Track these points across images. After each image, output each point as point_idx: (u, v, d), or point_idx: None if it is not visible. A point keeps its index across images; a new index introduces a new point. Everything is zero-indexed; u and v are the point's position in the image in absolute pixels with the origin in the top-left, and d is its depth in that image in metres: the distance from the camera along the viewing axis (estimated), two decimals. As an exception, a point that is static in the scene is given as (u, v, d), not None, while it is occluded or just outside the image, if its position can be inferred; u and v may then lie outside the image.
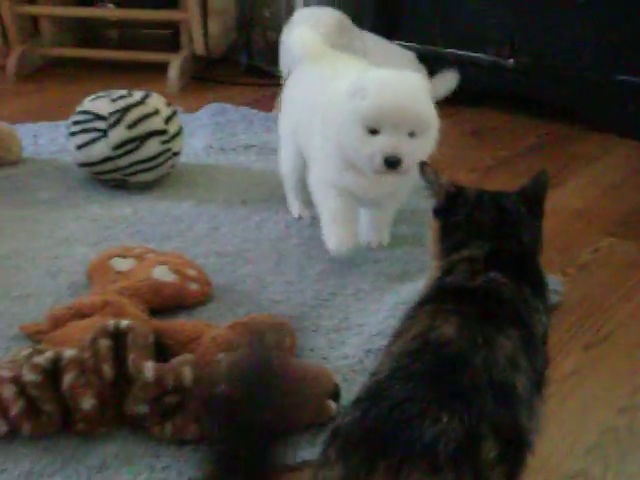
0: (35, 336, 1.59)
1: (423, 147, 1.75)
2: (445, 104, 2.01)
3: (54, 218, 2.09)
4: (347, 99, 1.76)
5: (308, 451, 1.32)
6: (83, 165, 2.20)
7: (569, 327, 1.61)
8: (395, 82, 1.77)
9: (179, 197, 2.19)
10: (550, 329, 1.20)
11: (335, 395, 1.44)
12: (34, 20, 3.16)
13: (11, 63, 3.01)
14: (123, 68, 3.14)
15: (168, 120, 2.19)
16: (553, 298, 1.70)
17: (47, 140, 2.52)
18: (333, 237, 1.84)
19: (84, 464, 1.33)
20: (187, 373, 1.38)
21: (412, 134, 1.73)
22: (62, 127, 2.55)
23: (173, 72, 2.95)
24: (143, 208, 2.13)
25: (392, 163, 1.71)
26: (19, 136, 2.41)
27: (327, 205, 1.87)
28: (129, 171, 2.16)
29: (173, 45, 3.31)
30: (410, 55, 2.59)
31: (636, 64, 2.54)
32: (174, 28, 3.23)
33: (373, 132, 1.73)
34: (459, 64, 2.74)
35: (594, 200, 2.22)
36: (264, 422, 1.05)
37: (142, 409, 1.36)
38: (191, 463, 1.33)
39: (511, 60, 2.74)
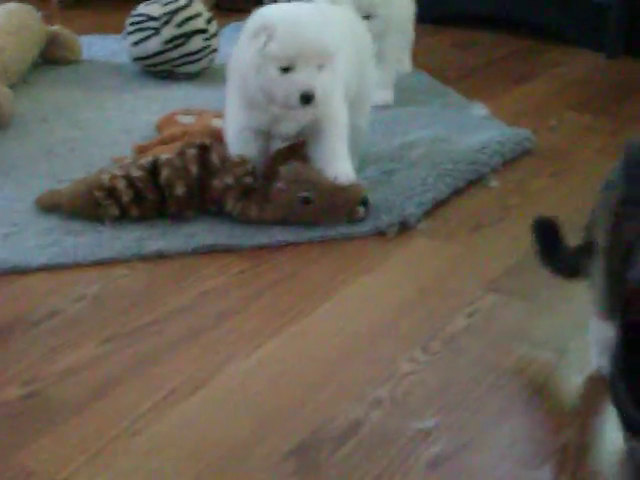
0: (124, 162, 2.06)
1: (330, 78, 1.81)
2: (433, 24, 2.47)
3: (117, 98, 2.55)
4: (249, 40, 1.79)
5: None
6: (138, 59, 2.67)
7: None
8: (300, 19, 1.80)
9: (217, 85, 2.65)
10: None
11: (364, 202, 1.87)
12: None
13: (54, -11, 3.47)
14: None
15: (208, 21, 2.67)
16: None
17: (98, 47, 2.97)
18: None
19: (178, 234, 1.80)
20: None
21: (320, 67, 1.78)
22: (109, 39, 3.02)
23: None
24: (190, 91, 2.61)
25: (307, 98, 1.77)
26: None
27: (238, 153, 1.89)
28: (177, 63, 2.64)
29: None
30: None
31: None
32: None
33: (285, 70, 1.77)
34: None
35: (555, 90, 2.73)
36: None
37: (229, 180, 1.83)
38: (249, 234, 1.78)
39: (488, -17, 3.23)
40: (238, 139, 1.89)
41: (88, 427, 1.29)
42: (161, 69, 2.63)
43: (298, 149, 1.90)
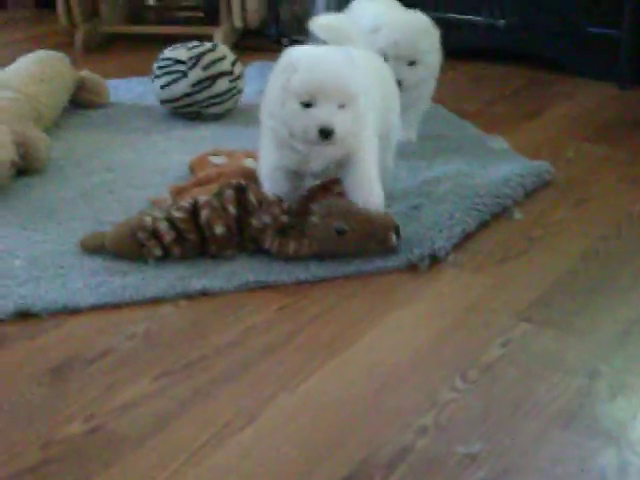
0: (163, 204, 2.14)
1: (352, 117, 1.87)
2: (450, 59, 2.56)
3: (148, 140, 2.64)
4: (275, 77, 1.89)
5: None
6: (165, 101, 2.76)
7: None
8: (323, 57, 1.89)
9: (244, 124, 2.75)
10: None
11: (396, 230, 1.96)
12: (93, 3, 3.72)
13: (78, 39, 3.58)
14: (168, 41, 3.69)
15: (233, 64, 2.76)
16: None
17: (124, 91, 3.07)
18: None
19: (219, 272, 1.89)
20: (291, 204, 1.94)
21: (342, 106, 1.85)
22: (133, 82, 3.12)
23: (218, 41, 3.52)
24: (217, 131, 2.70)
25: (326, 134, 1.82)
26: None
27: (271, 192, 1.97)
28: (204, 104, 2.73)
29: (204, 23, 3.88)
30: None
31: (605, 18, 3.13)
32: (211, 5, 3.80)
33: (306, 105, 1.84)
34: (458, 26, 3.33)
35: (570, 121, 2.82)
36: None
37: (266, 219, 1.91)
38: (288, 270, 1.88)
39: (503, 20, 3.33)
40: (271, 178, 1.97)
41: (151, 459, 1.36)
42: (189, 110, 2.72)
43: (331, 186, 1.98)
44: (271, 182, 1.98)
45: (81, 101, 2.85)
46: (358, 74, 1.89)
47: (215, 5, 3.76)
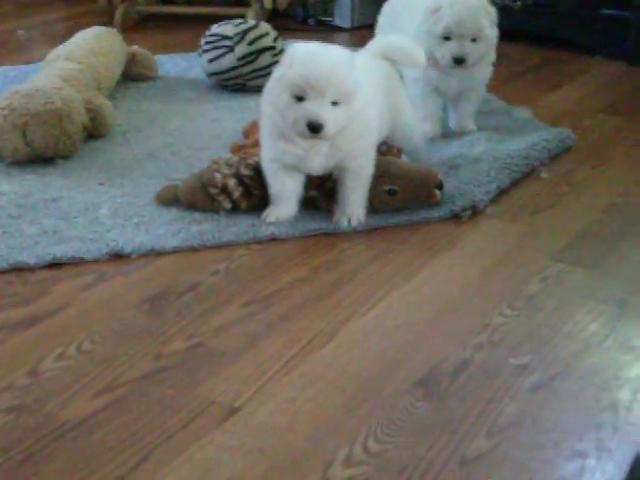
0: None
1: (345, 115, 1.90)
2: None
3: (199, 109, 2.87)
4: (279, 69, 1.93)
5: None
6: (213, 74, 2.99)
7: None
8: (320, 54, 1.90)
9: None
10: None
11: (440, 186, 2.19)
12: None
13: (117, 17, 3.80)
14: (198, 20, 3.91)
15: (275, 39, 2.99)
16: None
17: (169, 65, 3.29)
18: (272, 213, 2.10)
19: (283, 222, 2.12)
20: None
21: (335, 103, 1.87)
22: (176, 58, 3.35)
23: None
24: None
25: (314, 128, 1.86)
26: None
27: (270, 184, 2.07)
28: (249, 77, 2.96)
29: (232, 4, 4.09)
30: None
31: (615, 1, 3.38)
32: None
33: (299, 99, 1.88)
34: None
35: (585, 95, 3.06)
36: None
37: (313, 193, 2.14)
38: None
39: (518, 3, 3.57)
40: (268, 170, 2.06)
41: (248, 369, 1.60)
42: (234, 83, 2.95)
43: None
44: (269, 173, 2.06)
45: (132, 74, 3.07)
46: (355, 74, 1.92)
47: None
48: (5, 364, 1.60)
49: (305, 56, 1.90)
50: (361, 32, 3.72)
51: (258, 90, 2.19)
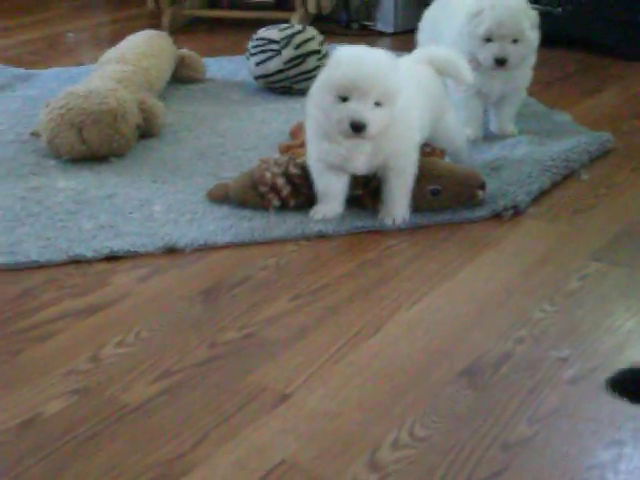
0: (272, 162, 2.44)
1: (387, 116, 1.97)
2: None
3: (247, 110, 2.95)
4: (325, 71, 2.01)
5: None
6: (260, 77, 3.07)
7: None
8: (364, 56, 1.99)
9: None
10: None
11: (482, 186, 2.25)
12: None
13: (165, 21, 3.90)
14: (243, 24, 4.00)
15: (321, 43, 3.07)
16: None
17: (216, 68, 3.38)
18: (319, 211, 2.17)
19: (330, 220, 2.19)
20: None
21: (378, 104, 1.94)
22: (223, 60, 3.44)
23: (294, 25, 3.83)
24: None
25: (357, 127, 1.93)
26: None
27: (316, 182, 2.14)
28: (295, 80, 3.04)
29: (274, 8, 4.19)
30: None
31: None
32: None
33: (344, 100, 1.95)
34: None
35: (624, 100, 3.12)
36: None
37: (359, 192, 2.22)
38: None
39: (559, 9, 3.63)
40: (315, 170, 2.14)
41: (299, 358, 1.67)
42: (280, 85, 3.04)
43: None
44: (315, 173, 2.14)
45: (181, 76, 3.16)
46: (398, 76, 1.99)
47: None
48: (68, 350, 1.69)
49: (350, 58, 1.98)
50: (403, 37, 3.79)
51: (304, 93, 2.27)
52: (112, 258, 2.01)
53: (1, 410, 1.52)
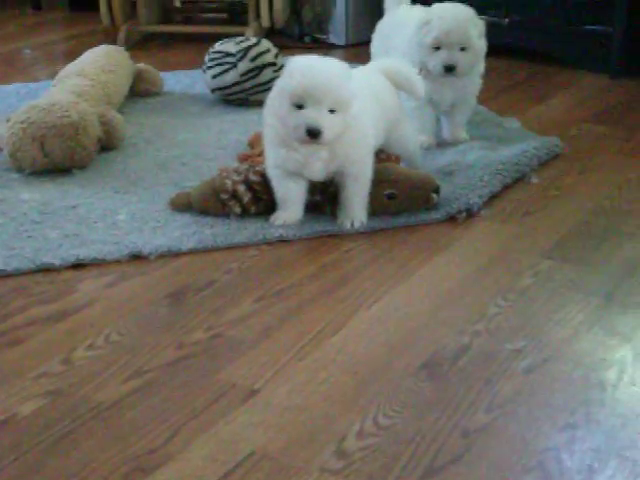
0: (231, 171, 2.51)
1: (341, 122, 2.04)
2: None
3: (205, 122, 3.01)
4: (280, 80, 2.09)
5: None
6: (217, 89, 3.14)
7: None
8: (317, 65, 2.05)
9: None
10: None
11: (436, 190, 2.33)
12: (132, 4, 4.11)
13: (121, 37, 3.95)
14: (197, 39, 4.06)
15: (276, 56, 3.15)
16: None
17: (173, 82, 3.43)
18: (279, 217, 2.23)
19: (290, 225, 2.26)
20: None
21: (332, 110, 2.01)
22: (180, 74, 3.50)
23: (248, 38, 3.90)
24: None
25: (313, 133, 2.00)
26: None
27: (276, 189, 2.21)
28: (251, 92, 3.11)
29: (227, 23, 4.26)
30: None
31: (598, 17, 3.55)
32: (235, 7, 4.18)
33: (299, 107, 2.02)
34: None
35: (571, 106, 3.23)
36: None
37: (317, 198, 2.29)
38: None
39: (506, 19, 3.73)
40: (274, 176, 2.20)
41: (265, 356, 1.74)
42: (237, 97, 3.11)
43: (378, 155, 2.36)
44: (274, 179, 2.20)
45: (139, 90, 3.22)
46: (351, 84, 2.07)
47: (238, 7, 4.14)
48: (40, 354, 1.74)
49: (304, 67, 2.04)
50: (356, 49, 3.88)
51: (260, 104, 2.33)
52: (78, 266, 2.06)
53: (-24, 412, 1.55)
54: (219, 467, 1.43)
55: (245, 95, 3.08)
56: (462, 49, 2.59)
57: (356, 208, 2.20)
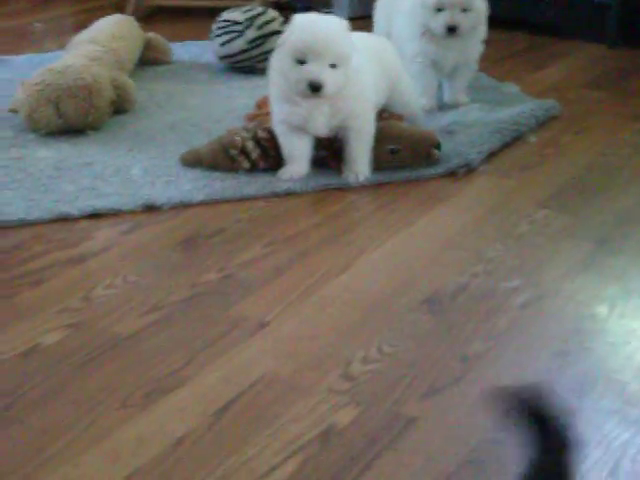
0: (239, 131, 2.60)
1: (342, 76, 2.11)
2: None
3: (213, 88, 3.10)
4: (283, 37, 2.15)
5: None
6: (224, 57, 3.23)
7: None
8: (318, 21, 2.15)
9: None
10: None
11: (438, 146, 2.43)
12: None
13: (128, 11, 4.04)
14: (204, 12, 4.14)
15: (282, 25, 3.24)
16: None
17: (182, 51, 3.52)
18: (287, 171, 2.31)
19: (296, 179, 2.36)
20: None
21: (333, 65, 2.07)
22: (188, 45, 3.59)
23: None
24: (271, 81, 3.17)
25: (315, 87, 2.07)
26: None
27: (282, 145, 2.28)
28: (258, 59, 3.19)
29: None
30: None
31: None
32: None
33: (301, 63, 2.08)
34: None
35: (569, 73, 3.33)
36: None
37: (323, 153, 2.38)
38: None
39: (506, -9, 3.82)
40: (280, 132, 2.27)
41: (275, 292, 1.83)
42: (244, 65, 3.20)
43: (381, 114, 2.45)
44: (280, 135, 2.27)
45: (148, 59, 3.30)
46: (350, 39, 2.14)
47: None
48: (60, 292, 1.83)
49: (305, 23, 2.13)
50: (360, 22, 3.95)
51: (266, 71, 2.40)
52: (95, 216, 2.14)
53: (2, 342, 1.65)
54: (233, 387, 1.53)
55: (252, 63, 3.17)
56: (464, 10, 2.67)
57: (360, 162, 2.29)
